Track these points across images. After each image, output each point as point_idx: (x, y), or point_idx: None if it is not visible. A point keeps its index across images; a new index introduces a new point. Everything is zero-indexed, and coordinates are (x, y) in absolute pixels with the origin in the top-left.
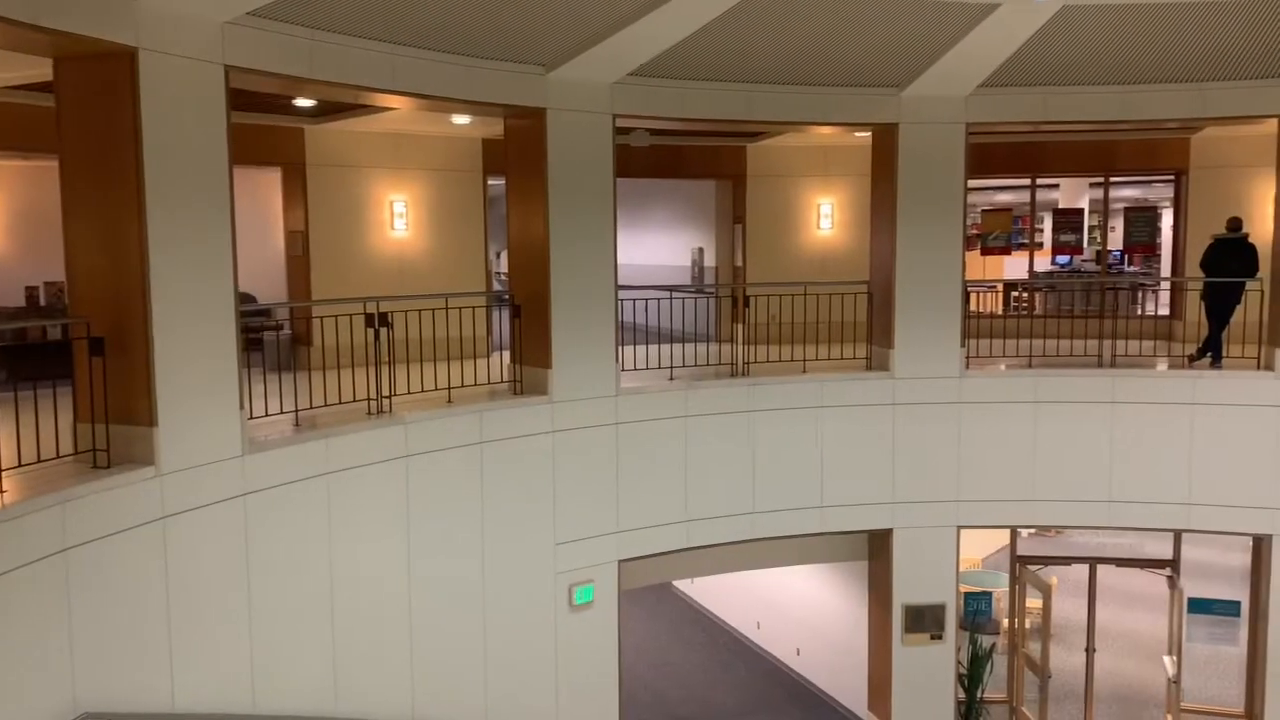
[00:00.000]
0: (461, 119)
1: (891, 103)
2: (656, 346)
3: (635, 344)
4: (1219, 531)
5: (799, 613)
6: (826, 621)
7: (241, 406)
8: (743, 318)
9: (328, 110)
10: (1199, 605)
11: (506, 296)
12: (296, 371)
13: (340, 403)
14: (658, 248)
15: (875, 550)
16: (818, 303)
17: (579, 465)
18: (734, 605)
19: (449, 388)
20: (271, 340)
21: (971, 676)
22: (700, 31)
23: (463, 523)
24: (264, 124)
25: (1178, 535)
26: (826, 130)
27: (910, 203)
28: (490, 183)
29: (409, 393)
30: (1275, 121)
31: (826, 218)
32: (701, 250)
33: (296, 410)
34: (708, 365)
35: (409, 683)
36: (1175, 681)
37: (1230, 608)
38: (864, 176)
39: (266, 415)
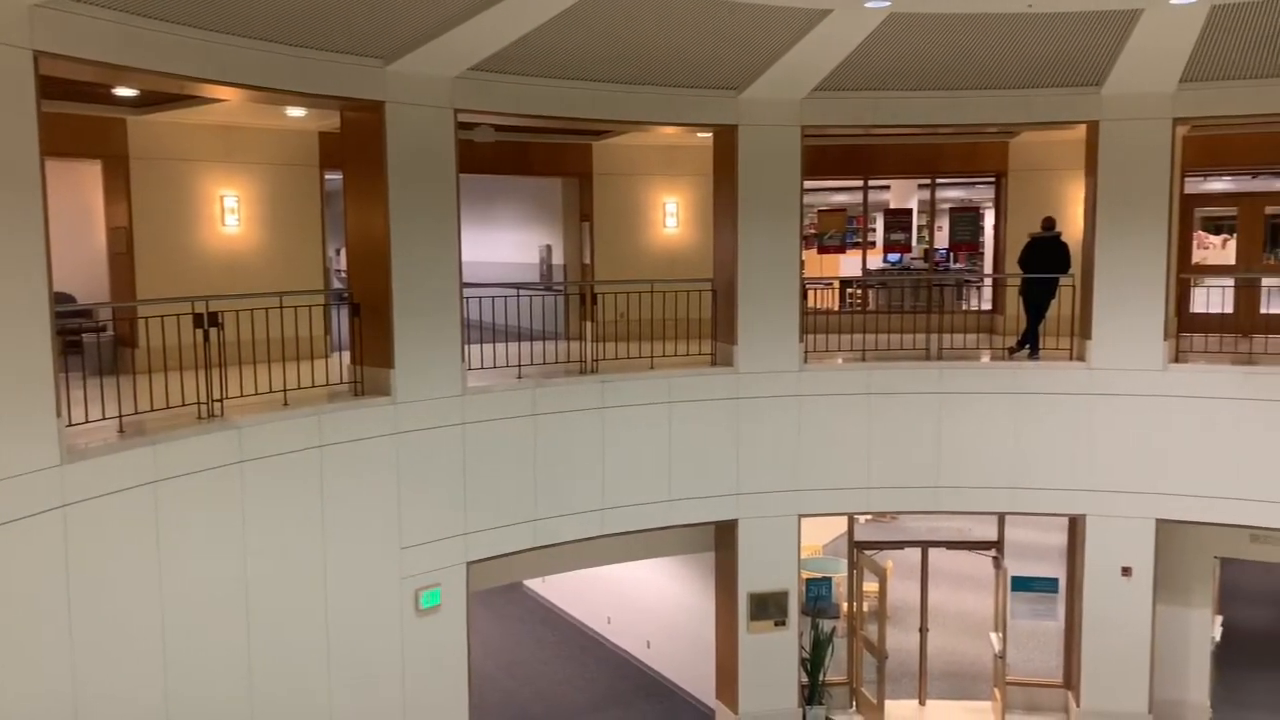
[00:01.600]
0: (296, 111)
1: (731, 105)
2: (504, 345)
3: (482, 343)
4: (1038, 513)
5: (649, 606)
6: (675, 613)
7: (59, 413)
8: (591, 315)
9: (152, 100)
10: (1021, 584)
11: (345, 295)
12: (120, 375)
13: (168, 407)
14: (505, 245)
15: (722, 541)
16: (664, 300)
17: (424, 467)
18: (585, 601)
19: (285, 390)
20: (92, 342)
21: (814, 660)
22: (542, 28)
23: (302, 530)
24: (82, 114)
25: (1001, 518)
26: (670, 130)
27: (751, 202)
28: (328, 177)
29: (242, 396)
30: (1085, 127)
31: (672, 216)
32: (549, 248)
33: (121, 416)
34: (557, 363)
35: (248, 697)
36: (1001, 656)
37: (1049, 585)
38: (708, 176)
39: (88, 422)
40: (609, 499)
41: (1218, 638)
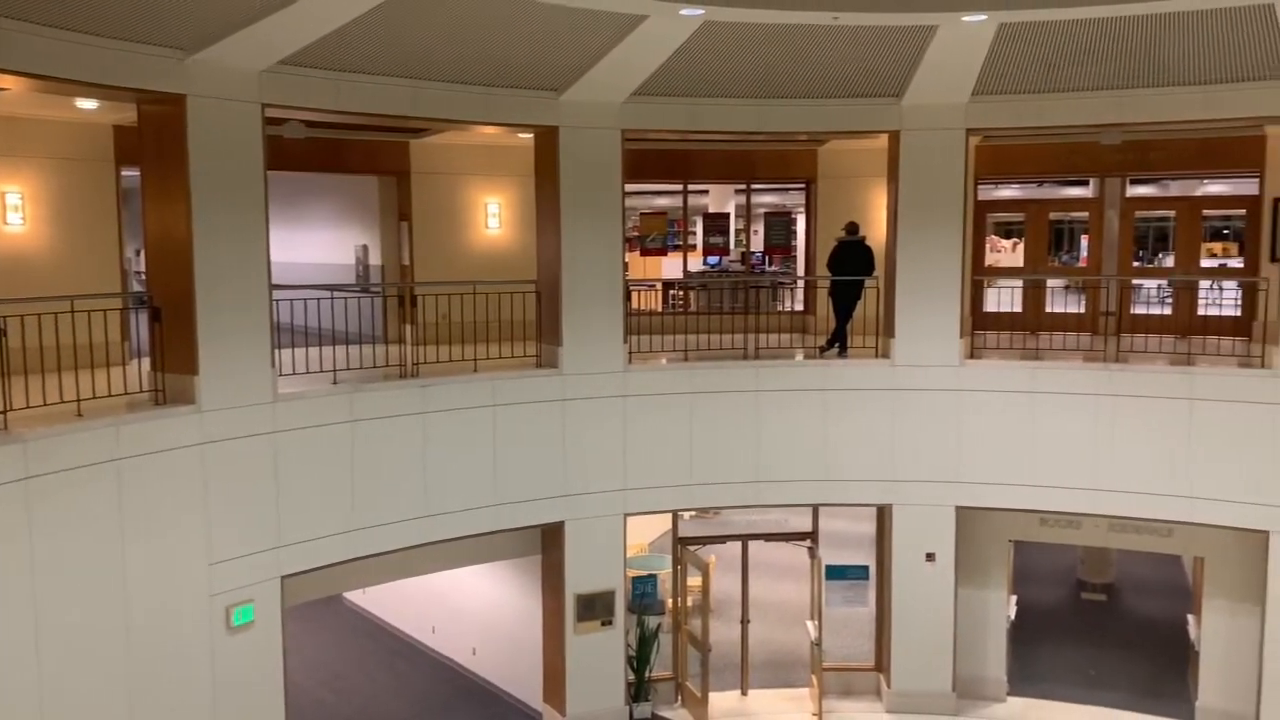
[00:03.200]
0: (87, 103)
1: (551, 106)
2: (319, 349)
3: (295, 347)
4: (849, 504)
5: (475, 612)
6: (502, 619)
7: None
8: (411, 317)
9: None
10: (835, 572)
11: (145, 298)
12: None
13: None
14: (319, 245)
15: (548, 544)
16: (487, 302)
17: (233, 478)
18: (408, 611)
19: (79, 400)
20: None
21: (640, 658)
22: (356, 22)
23: (99, 549)
24: None
25: (815, 509)
26: (491, 130)
27: (573, 204)
28: (125, 174)
29: (29, 407)
30: (886, 137)
31: (494, 217)
32: (366, 248)
33: None
34: (375, 367)
35: None
36: (817, 644)
37: (861, 572)
38: (531, 176)
39: None
40: (432, 505)
41: (1012, 616)
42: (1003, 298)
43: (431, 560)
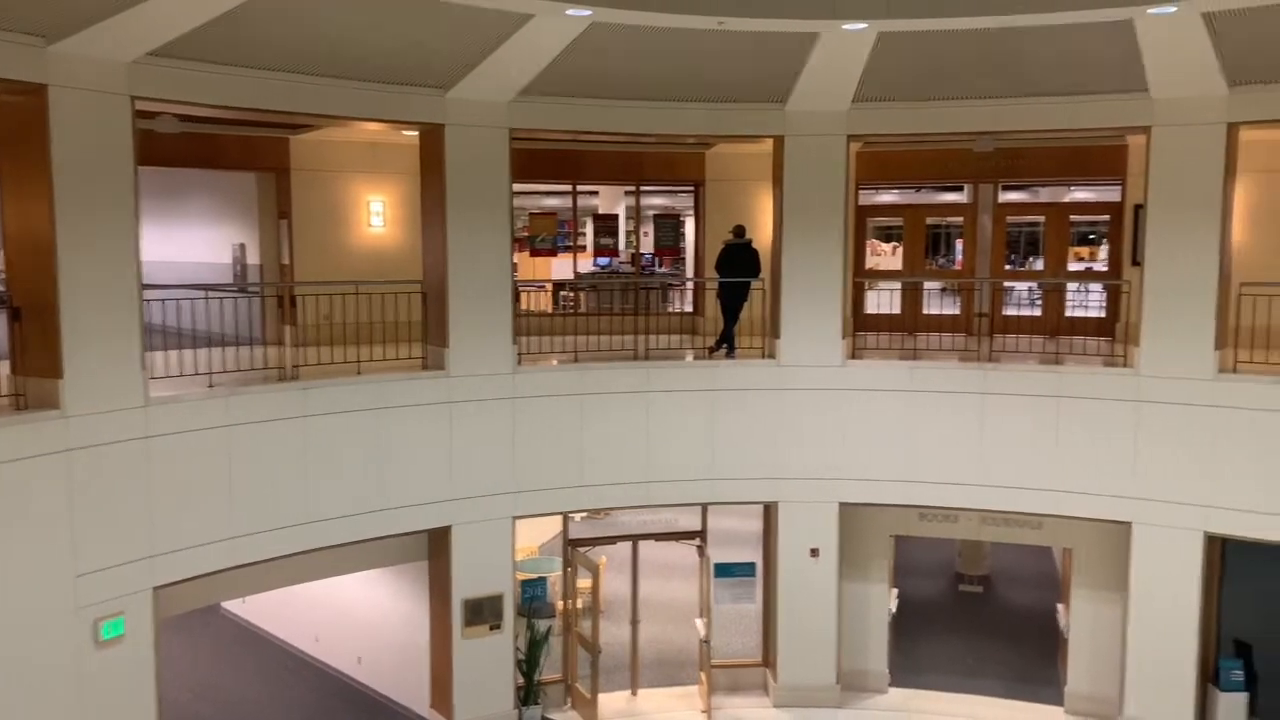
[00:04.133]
0: None
1: (437, 103)
2: (194, 351)
3: (168, 349)
4: (737, 502)
5: (360, 620)
6: (389, 626)
7: None
8: (291, 318)
9: None
10: (723, 570)
11: (4, 298)
12: None
13: None
14: (194, 243)
15: (435, 549)
16: (370, 302)
17: (102, 486)
18: (290, 620)
19: None
20: None
21: (529, 661)
22: (229, 15)
23: None
24: None
25: (704, 508)
26: (375, 126)
27: (460, 203)
28: None
29: None
30: (771, 141)
31: (378, 215)
32: (243, 246)
33: None
34: (254, 370)
35: None
36: (706, 641)
37: (748, 570)
38: (416, 175)
39: None
40: (314, 511)
41: (894, 609)
42: (882, 300)
43: (315, 568)
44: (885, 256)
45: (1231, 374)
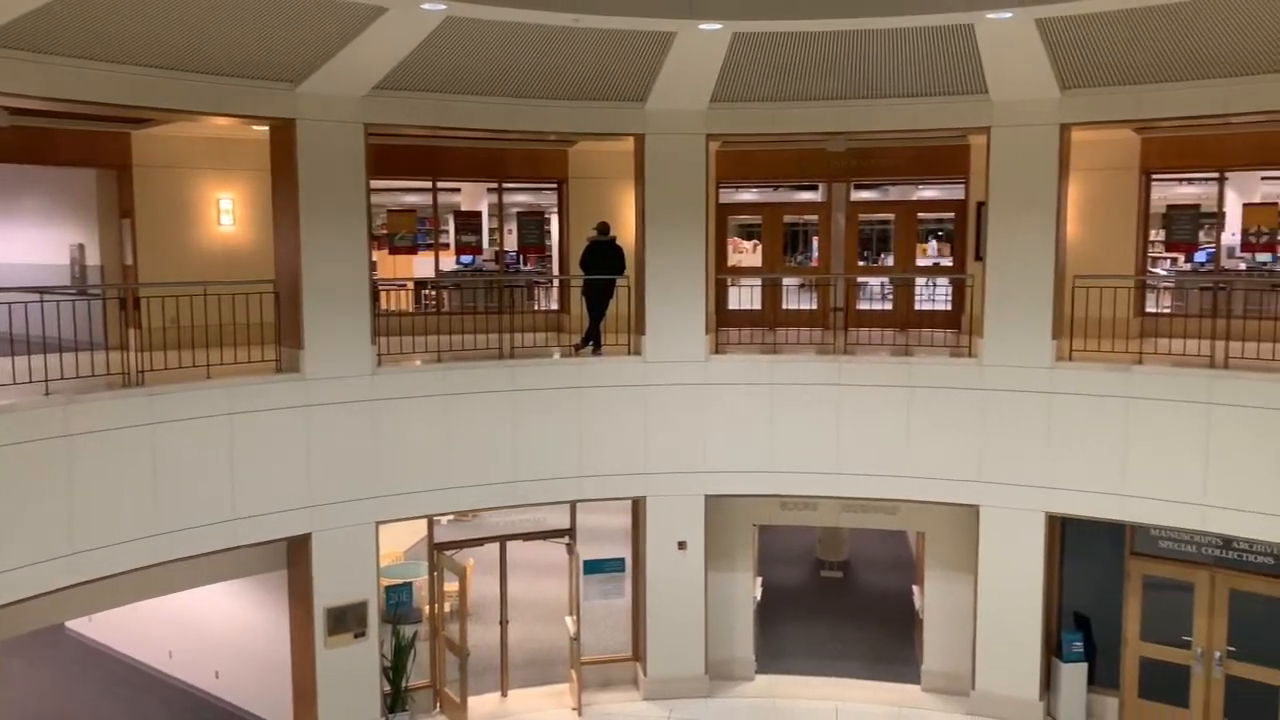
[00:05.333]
0: None
1: (287, 98)
2: (27, 358)
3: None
4: (605, 498)
5: (218, 633)
6: (248, 638)
7: None
8: (135, 321)
9: None
10: (592, 566)
11: None
12: None
13: None
14: (26, 244)
15: (295, 557)
16: (220, 303)
17: None
18: (142, 636)
19: None
20: None
21: (395, 668)
22: (63, 2)
23: None
24: None
25: (573, 506)
26: (223, 121)
27: (314, 201)
28: None
29: None
30: (633, 139)
31: (228, 214)
32: (82, 247)
33: None
34: (95, 376)
35: None
36: (576, 638)
37: (617, 565)
38: (268, 171)
39: None
40: (165, 523)
41: (758, 597)
42: (744, 296)
43: (167, 581)
44: (746, 254)
45: (1067, 362)
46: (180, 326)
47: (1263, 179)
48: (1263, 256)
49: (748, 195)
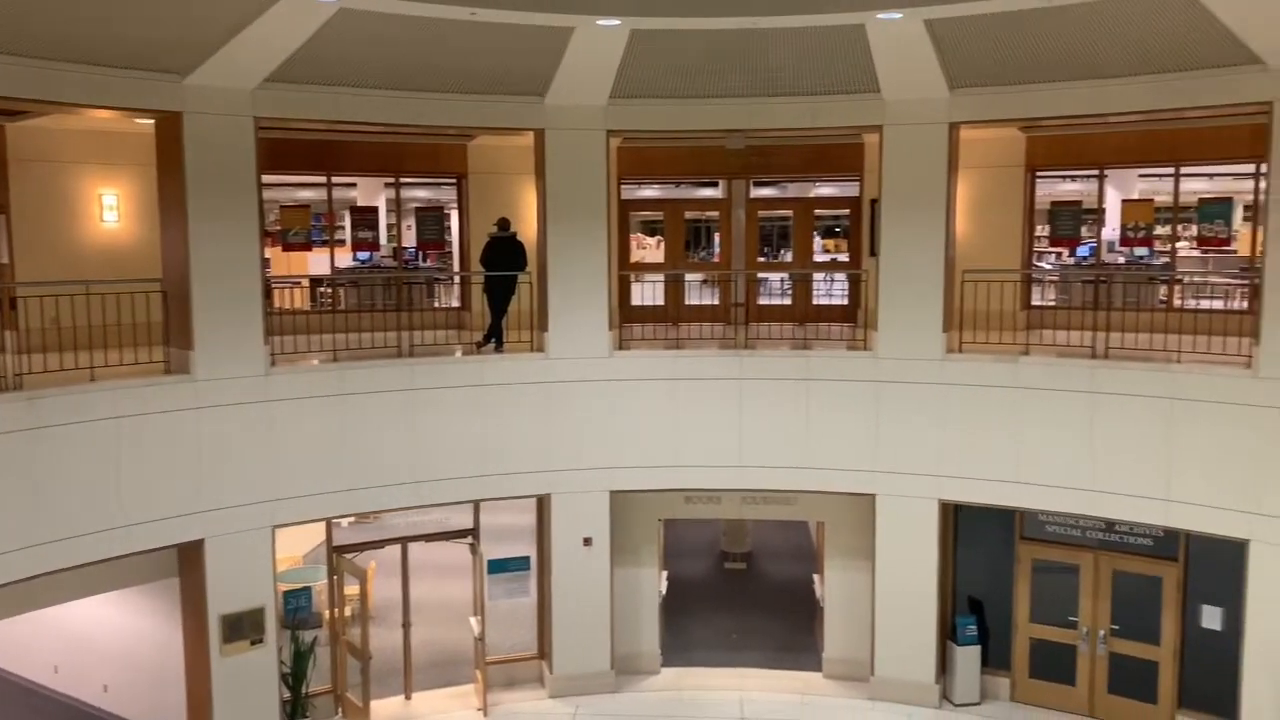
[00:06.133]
0: None
1: (174, 90)
2: None
3: None
4: (510, 497)
5: (106, 645)
6: (138, 649)
7: None
8: (11, 322)
9: None
10: (496, 566)
11: None
12: None
13: None
14: None
15: (187, 564)
16: (104, 303)
17: None
18: (23, 651)
19: None
20: None
21: (295, 674)
22: None
23: None
24: None
25: (476, 505)
26: (105, 114)
27: (202, 197)
28: None
29: None
30: (532, 134)
31: (111, 210)
32: None
33: None
34: None
35: None
36: (480, 639)
37: (522, 564)
38: (154, 166)
39: None
40: (46, 532)
41: (664, 591)
42: (647, 292)
43: (50, 592)
44: (649, 250)
45: (958, 354)
46: (61, 328)
47: (1140, 176)
48: (1140, 250)
49: (650, 192)
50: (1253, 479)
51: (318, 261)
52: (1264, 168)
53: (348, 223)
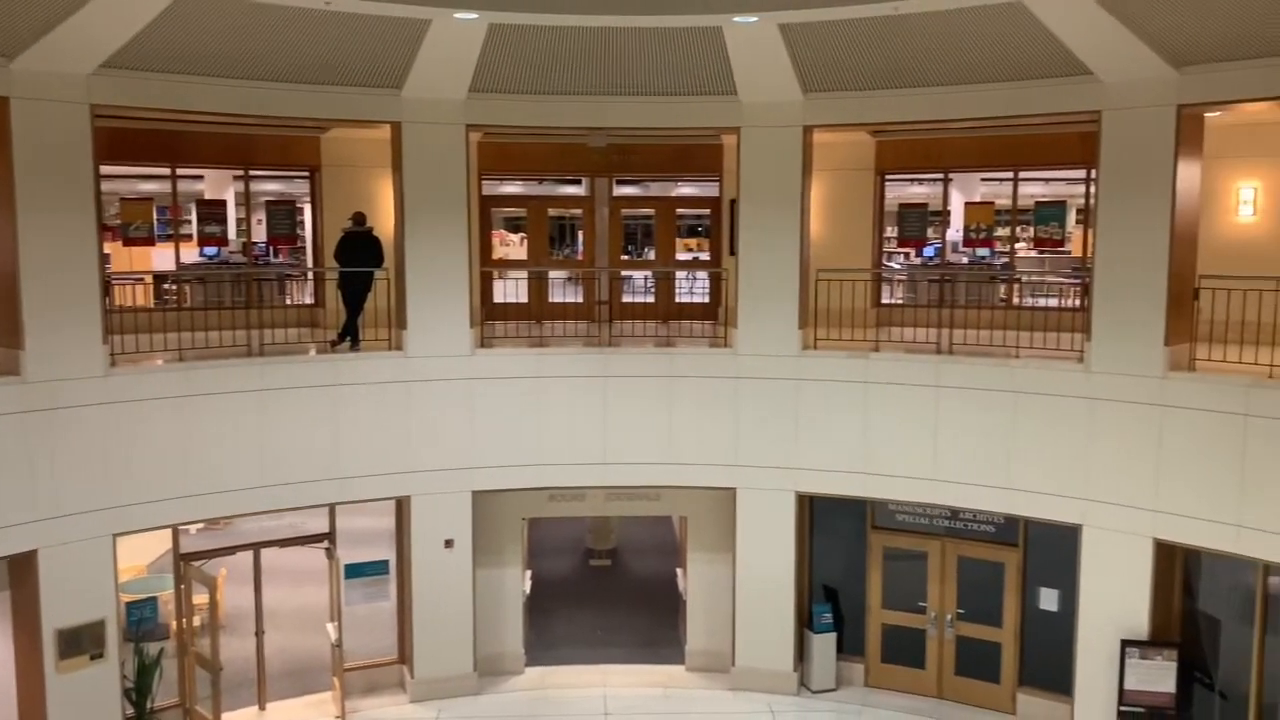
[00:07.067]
0: None
1: (0, 75)
2: None
3: None
4: (368, 499)
5: None
6: None
7: None
8: None
9: None
10: (354, 570)
11: None
12: None
13: None
14: None
15: (18, 576)
16: None
17: None
18: None
19: None
20: None
21: (139, 688)
22: None
23: None
24: None
25: (332, 509)
26: None
27: (33, 189)
28: None
29: None
30: (389, 127)
31: None
32: None
33: None
34: None
35: None
36: (338, 645)
37: (380, 568)
38: None
39: None
40: None
41: (528, 590)
42: (510, 289)
43: None
44: (513, 246)
45: (813, 350)
46: None
47: (982, 180)
48: (982, 251)
49: (512, 188)
50: (1085, 467)
51: (162, 257)
52: (1094, 173)
53: (194, 216)
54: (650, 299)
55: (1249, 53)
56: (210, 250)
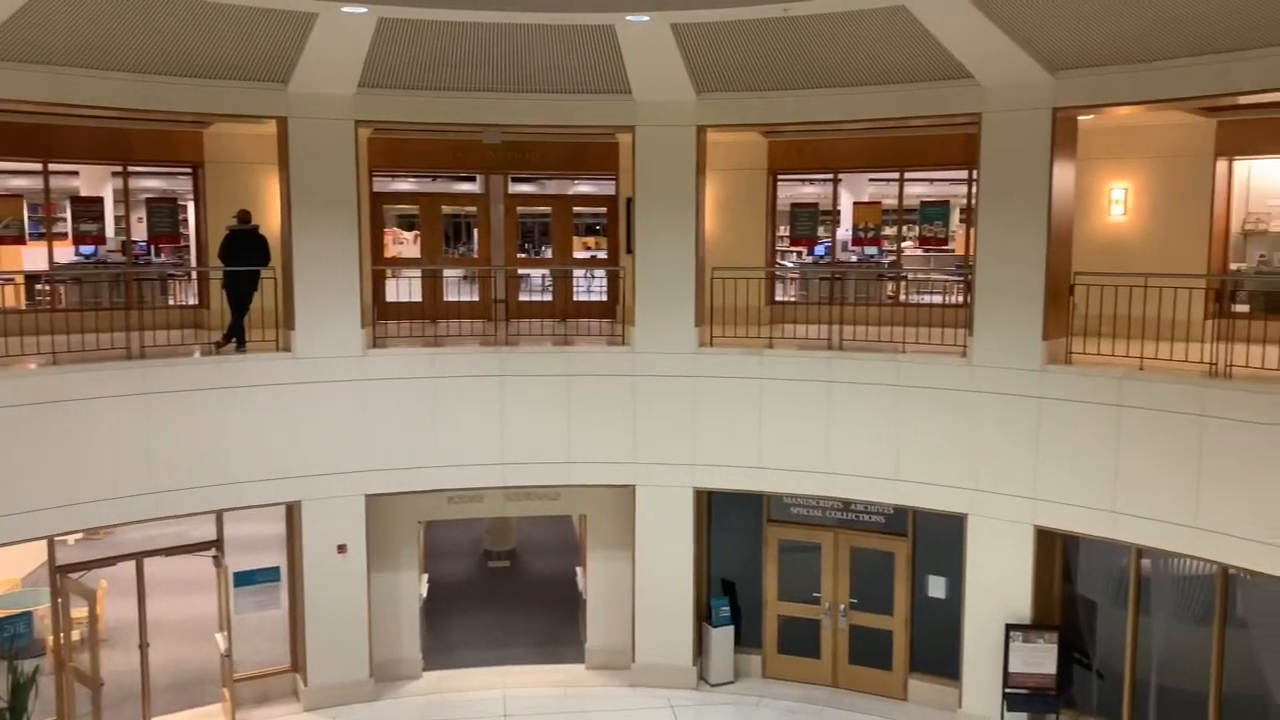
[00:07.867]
0: None
1: None
2: None
3: None
4: (256, 505)
5: None
6: None
7: None
8: None
9: None
10: (243, 578)
11: None
12: None
13: None
14: None
15: None
16: None
17: None
18: None
19: None
20: None
21: (13, 708)
22: None
23: None
24: None
25: (219, 515)
26: None
27: None
28: None
29: None
30: (275, 122)
31: None
32: None
33: None
34: None
35: None
36: (227, 655)
37: (271, 575)
38: None
39: None
40: None
41: (424, 594)
42: (403, 288)
43: None
44: (407, 244)
45: (709, 348)
46: None
47: (870, 180)
48: (870, 249)
49: (405, 185)
50: (969, 458)
51: (34, 256)
52: (975, 174)
53: (69, 214)
54: (548, 297)
55: (1120, 59)
56: (87, 249)
